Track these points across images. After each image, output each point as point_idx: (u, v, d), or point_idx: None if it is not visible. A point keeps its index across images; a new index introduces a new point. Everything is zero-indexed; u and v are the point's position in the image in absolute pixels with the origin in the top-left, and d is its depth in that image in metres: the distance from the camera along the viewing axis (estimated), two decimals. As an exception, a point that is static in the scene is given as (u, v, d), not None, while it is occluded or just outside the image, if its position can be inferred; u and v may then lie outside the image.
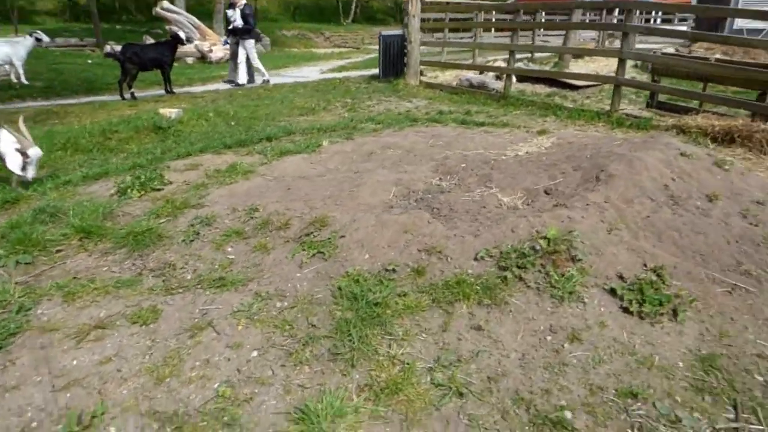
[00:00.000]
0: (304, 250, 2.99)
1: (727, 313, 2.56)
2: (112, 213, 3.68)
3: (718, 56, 11.34)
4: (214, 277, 2.86)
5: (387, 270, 2.73)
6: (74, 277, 2.92)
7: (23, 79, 10.69)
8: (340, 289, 2.61)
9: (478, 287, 2.59)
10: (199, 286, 2.79)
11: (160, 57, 9.41)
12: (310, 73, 13.53)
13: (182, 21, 17.71)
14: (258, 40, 10.60)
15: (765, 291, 2.72)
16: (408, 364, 2.18)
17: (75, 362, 2.27)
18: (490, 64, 10.88)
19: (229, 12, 10.55)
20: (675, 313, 2.52)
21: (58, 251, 3.27)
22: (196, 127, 6.45)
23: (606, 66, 11.25)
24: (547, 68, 12.07)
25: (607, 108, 6.98)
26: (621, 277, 2.71)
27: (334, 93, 9.42)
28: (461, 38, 13.32)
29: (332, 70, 14.04)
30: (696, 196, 3.59)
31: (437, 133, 5.87)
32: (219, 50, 17.43)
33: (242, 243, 3.21)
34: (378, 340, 2.31)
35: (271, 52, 22.39)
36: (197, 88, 10.73)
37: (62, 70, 12.47)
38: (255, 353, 2.28)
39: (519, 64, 10.83)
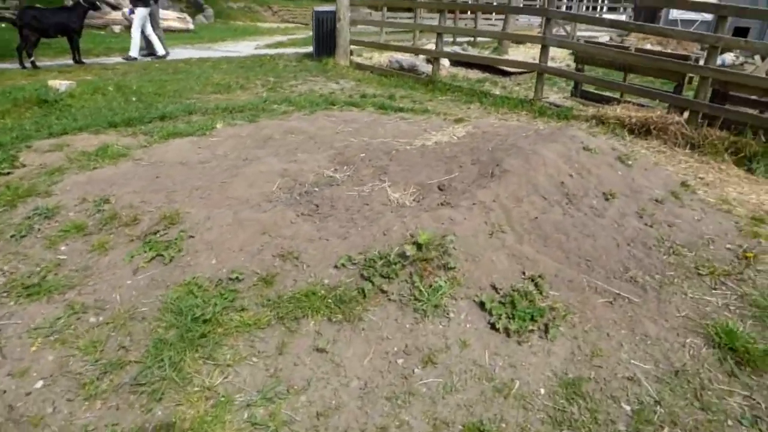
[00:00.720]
0: (144, 251, 2.57)
1: (604, 327, 2.37)
2: (-65, 201, 3.12)
3: (649, 46, 11.52)
4: (29, 283, 2.41)
5: (231, 279, 2.37)
6: None
7: None
8: (169, 301, 2.23)
9: (330, 300, 2.27)
10: (5, 294, 2.34)
11: (65, 22, 8.46)
12: (245, 48, 12.75)
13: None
14: (147, 5, 9.70)
15: (648, 301, 2.56)
16: (224, 397, 1.85)
17: None
18: (425, 47, 10.53)
19: None
20: (546, 329, 2.30)
21: None
22: (89, 102, 5.77)
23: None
24: (486, 53, 11.87)
25: (532, 96, 6.82)
26: (495, 288, 2.48)
27: (258, 70, 8.82)
28: (399, 18, 12.87)
29: (268, 46, 13.30)
30: (593, 194, 3.42)
31: (350, 118, 5.50)
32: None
33: (80, 241, 2.75)
34: (196, 367, 1.96)
35: (212, 24, 21.20)
36: (112, 59, 9.80)
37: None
38: (40, 383, 1.88)
39: (455, 48, 10.55)
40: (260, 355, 2.04)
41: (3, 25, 11.54)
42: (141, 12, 9.65)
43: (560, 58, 11.41)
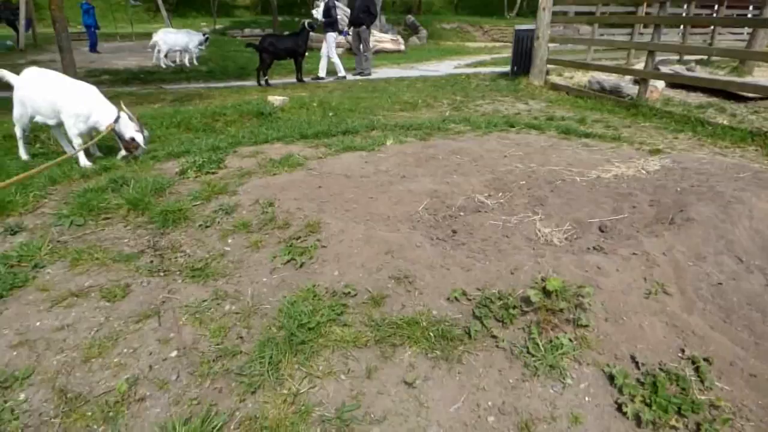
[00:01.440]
0: (284, 254, 2.83)
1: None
2: (163, 190, 3.96)
3: None
4: (197, 267, 2.87)
5: (344, 293, 2.43)
6: (94, 245, 3.19)
7: (195, 62, 12.58)
8: (287, 303, 2.40)
9: (432, 333, 2.15)
10: (178, 273, 2.83)
11: (294, 47, 10.03)
12: (445, 67, 13.23)
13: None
14: (335, 30, 10.80)
15: None
16: (305, 406, 1.90)
17: (38, 323, 2.45)
18: (634, 67, 9.32)
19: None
20: (697, 430, 1.78)
21: (105, 218, 3.61)
22: (294, 116, 6.71)
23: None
24: (722, 73, 9.94)
25: (771, 129, 5.43)
26: (635, 361, 2.02)
27: (449, 90, 9.03)
28: (612, 35, 11.65)
29: (468, 66, 13.54)
30: (823, 265, 2.53)
31: (525, 141, 5.19)
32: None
33: (243, 236, 3.17)
34: (291, 371, 2.05)
35: (424, 45, 22.57)
36: (329, 78, 11.22)
37: (229, 57, 14.13)
38: (174, 353, 2.21)
39: (676, 68, 9.07)
40: (349, 374, 2.04)
41: (249, 50, 14.19)
42: (330, 36, 10.82)
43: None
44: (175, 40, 12.28)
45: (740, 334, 2.16)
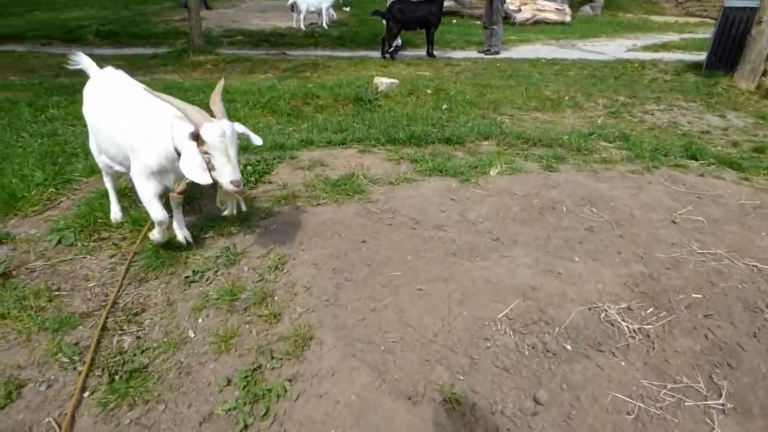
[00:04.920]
0: (236, 390, 1.74)
1: None
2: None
3: None
4: (134, 368, 1.94)
5: None
6: (48, 286, 2.46)
7: (324, 25, 11.92)
8: None
9: None
10: (103, 370, 1.92)
11: (426, 15, 8.63)
12: (614, 48, 10.65)
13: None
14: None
15: None
16: None
17: None
18: None
19: None
20: None
21: (98, 240, 2.89)
22: (398, 106, 5.48)
23: None
24: None
25: None
26: None
27: (611, 83, 6.92)
28: None
29: (646, 48, 10.73)
30: None
31: (712, 194, 3.32)
32: (527, 11, 15.74)
33: (214, 320, 2.15)
34: None
35: (596, 17, 19.30)
36: (463, 54, 9.64)
37: (365, 22, 13.10)
38: None
39: None
40: None
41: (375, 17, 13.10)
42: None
43: None
44: (313, 0, 11.69)
45: None
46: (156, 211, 2.32)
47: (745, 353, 1.89)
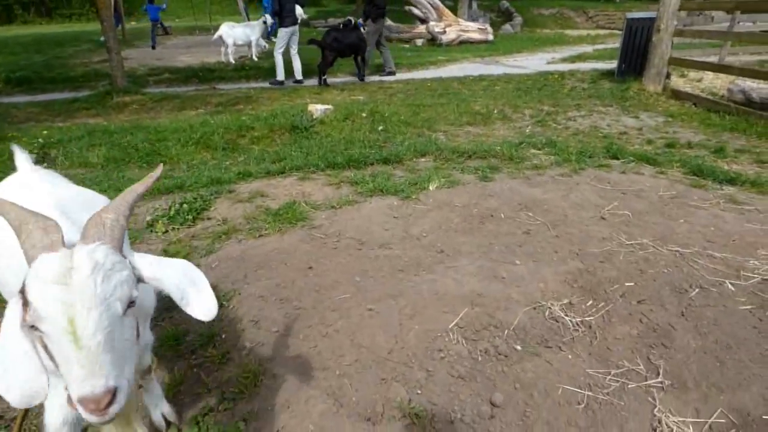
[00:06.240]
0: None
1: None
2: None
3: None
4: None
5: None
6: None
7: (255, 57, 11.94)
8: None
9: None
10: None
11: (356, 41, 8.84)
12: (536, 62, 11.31)
13: (422, 1, 17.24)
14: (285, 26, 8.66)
15: None
16: None
17: None
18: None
19: None
20: None
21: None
22: (335, 131, 5.53)
23: None
24: None
25: None
26: None
27: (535, 94, 7.33)
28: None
29: (564, 60, 11.48)
30: None
31: (635, 188, 3.57)
32: (452, 32, 16.46)
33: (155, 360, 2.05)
34: None
35: (516, 34, 20.43)
36: (403, 76, 9.88)
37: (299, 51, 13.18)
38: None
39: None
40: None
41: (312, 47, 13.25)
42: (282, 32, 8.93)
43: None
44: (239, 33, 11.67)
45: None
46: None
47: (676, 332, 2.01)
